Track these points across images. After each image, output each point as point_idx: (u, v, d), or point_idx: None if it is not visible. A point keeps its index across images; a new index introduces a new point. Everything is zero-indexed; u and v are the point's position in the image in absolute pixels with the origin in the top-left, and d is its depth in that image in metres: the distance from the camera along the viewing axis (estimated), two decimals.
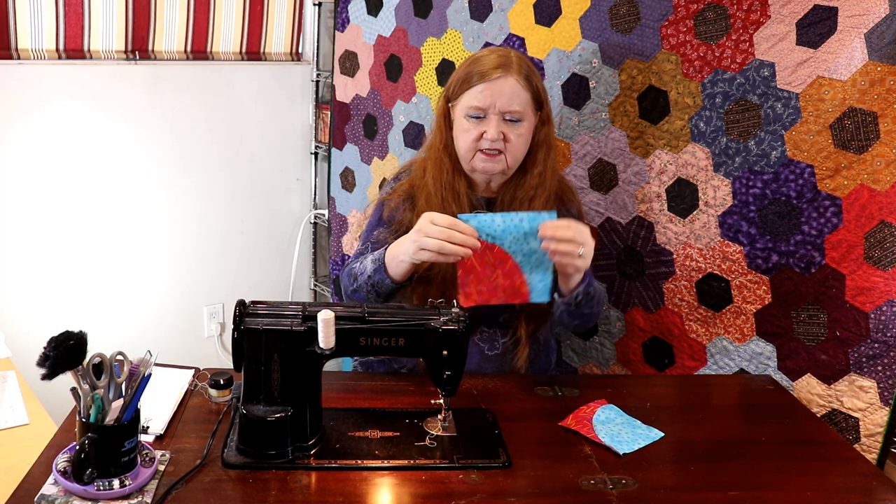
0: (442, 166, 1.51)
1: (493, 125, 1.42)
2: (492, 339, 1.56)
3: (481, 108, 1.43)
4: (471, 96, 1.43)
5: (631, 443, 1.25)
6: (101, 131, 2.34)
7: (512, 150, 1.45)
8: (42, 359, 1.01)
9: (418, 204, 1.52)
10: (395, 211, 1.56)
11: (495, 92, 1.41)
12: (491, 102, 1.42)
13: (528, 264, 1.34)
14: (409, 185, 1.57)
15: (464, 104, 1.45)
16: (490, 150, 1.44)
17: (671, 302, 1.72)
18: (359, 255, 1.59)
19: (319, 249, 2.96)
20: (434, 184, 1.50)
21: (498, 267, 1.33)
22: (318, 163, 2.84)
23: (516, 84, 1.42)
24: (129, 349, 1.11)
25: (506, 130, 1.43)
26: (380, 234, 1.57)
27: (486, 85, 1.41)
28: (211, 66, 2.53)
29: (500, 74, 1.41)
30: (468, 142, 1.45)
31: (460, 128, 1.46)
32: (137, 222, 2.49)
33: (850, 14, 1.36)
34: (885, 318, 1.42)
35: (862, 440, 1.47)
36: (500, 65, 1.42)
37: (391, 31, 2.23)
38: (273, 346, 1.15)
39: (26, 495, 1.03)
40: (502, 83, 1.41)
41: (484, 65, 1.43)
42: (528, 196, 1.49)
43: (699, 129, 1.60)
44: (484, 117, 1.43)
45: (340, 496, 1.09)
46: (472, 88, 1.43)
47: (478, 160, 1.46)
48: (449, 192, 1.49)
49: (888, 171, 1.38)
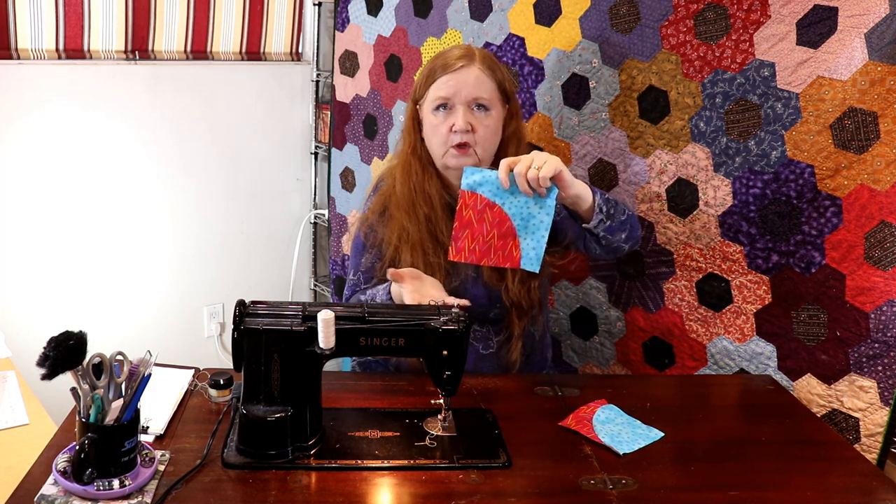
0: (411, 170, 1.52)
1: (461, 114, 1.43)
2: (485, 338, 1.56)
3: (446, 98, 1.44)
4: (436, 88, 1.45)
5: (631, 443, 1.25)
6: (101, 131, 2.34)
7: (481, 141, 1.45)
8: (42, 359, 1.01)
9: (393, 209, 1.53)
10: (371, 230, 1.57)
11: (460, 81, 1.43)
12: (456, 90, 1.43)
13: (525, 229, 1.32)
14: (383, 198, 1.58)
15: (430, 98, 1.46)
16: (461, 146, 1.44)
17: (671, 302, 1.72)
18: (353, 287, 1.60)
19: (319, 249, 2.96)
20: (402, 188, 1.52)
21: (495, 227, 1.32)
22: (318, 163, 2.84)
23: (480, 73, 1.44)
24: (129, 349, 1.11)
25: (473, 121, 1.44)
26: (367, 262, 1.58)
27: (450, 75, 1.43)
28: (211, 66, 2.53)
29: (464, 63, 1.43)
30: (440, 136, 1.46)
31: (429, 125, 1.48)
32: (137, 222, 2.49)
33: (851, 14, 1.36)
34: (886, 318, 1.42)
35: (862, 440, 1.47)
36: (463, 55, 1.45)
37: (391, 31, 2.23)
38: (273, 346, 1.15)
39: (26, 495, 1.03)
40: (466, 72, 1.43)
41: (447, 58, 1.46)
42: None
43: (699, 129, 1.60)
44: (451, 108, 1.44)
45: (340, 496, 1.09)
46: (437, 81, 1.45)
47: (449, 156, 1.47)
48: (419, 195, 1.50)
49: (888, 171, 1.38)
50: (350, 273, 1.63)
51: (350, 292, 1.61)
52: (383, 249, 1.55)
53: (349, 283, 1.62)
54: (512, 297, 1.52)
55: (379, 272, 1.57)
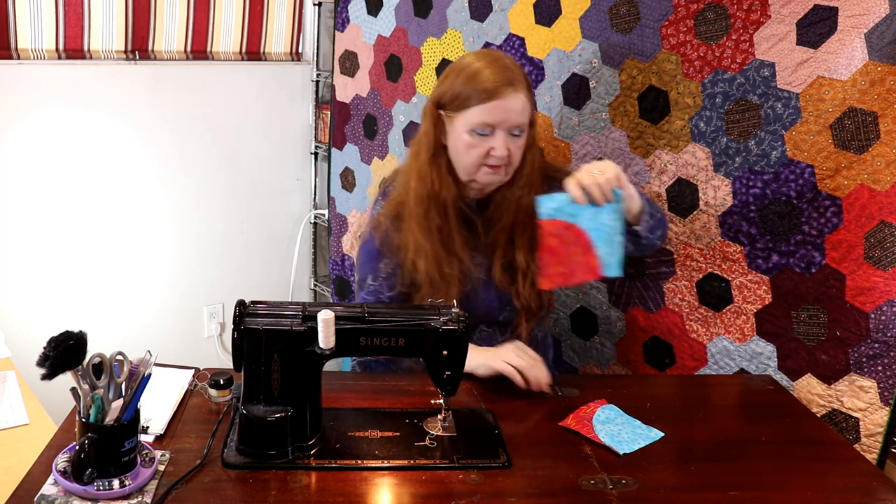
0: (427, 178, 1.48)
1: (502, 141, 1.41)
2: (490, 339, 1.56)
3: (491, 125, 1.40)
4: (479, 112, 1.40)
5: (631, 443, 1.25)
6: (101, 131, 2.34)
7: (513, 161, 1.45)
8: (42, 359, 1.01)
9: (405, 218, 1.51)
10: (386, 236, 1.54)
11: (507, 109, 1.39)
12: (503, 119, 1.39)
13: (601, 239, 1.32)
14: (395, 204, 1.55)
15: (469, 120, 1.41)
16: (496, 164, 1.43)
17: (671, 302, 1.72)
18: (376, 292, 1.55)
19: (319, 249, 2.96)
20: (416, 197, 1.48)
21: (576, 246, 1.32)
22: (318, 163, 2.84)
23: (525, 100, 1.41)
24: (129, 349, 1.11)
25: (511, 146, 1.42)
26: (387, 267, 1.54)
27: (497, 102, 1.38)
28: (211, 66, 2.53)
29: (510, 91, 1.39)
30: (474, 157, 1.43)
31: (462, 142, 1.43)
32: (137, 222, 2.49)
33: (851, 14, 1.36)
34: (886, 318, 1.41)
35: (862, 440, 1.47)
36: (508, 81, 1.39)
37: (391, 30, 2.23)
38: (273, 346, 1.15)
39: (26, 495, 1.03)
40: (513, 100, 1.39)
41: (490, 80, 1.39)
42: (515, 197, 1.49)
43: (699, 129, 1.60)
44: (491, 133, 1.41)
45: (340, 496, 1.09)
46: (482, 105, 1.39)
47: (482, 174, 1.45)
48: (433, 205, 1.47)
49: (888, 171, 1.38)
50: (367, 279, 1.57)
51: (373, 298, 1.56)
52: (401, 255, 1.53)
53: (368, 289, 1.57)
54: (522, 300, 1.52)
55: (401, 277, 1.54)
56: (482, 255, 1.53)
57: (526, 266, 1.52)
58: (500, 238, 1.52)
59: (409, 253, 1.50)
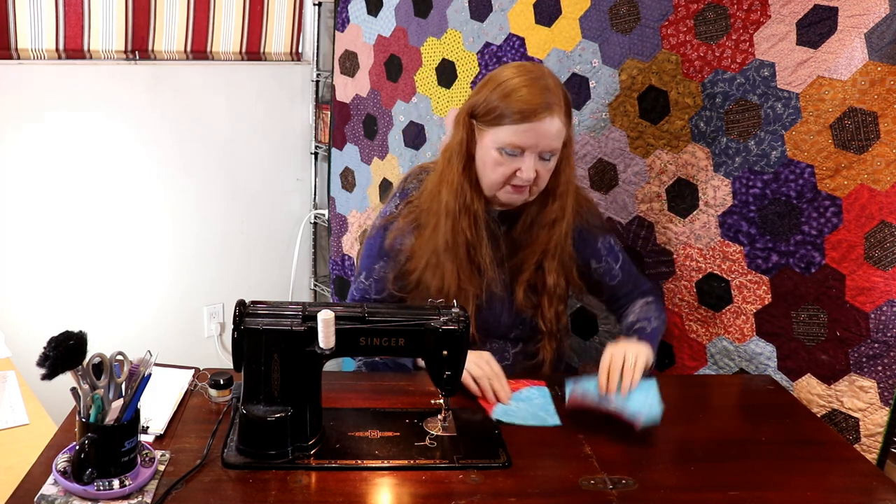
0: (459, 190, 1.42)
1: (530, 164, 1.35)
2: (501, 351, 1.55)
3: (521, 147, 1.34)
4: (510, 133, 1.34)
5: (518, 417, 1.31)
6: (101, 131, 2.34)
7: (540, 183, 1.40)
8: (42, 359, 1.01)
9: (426, 226, 1.47)
10: (397, 241, 1.50)
11: (540, 133, 1.33)
12: (535, 143, 1.33)
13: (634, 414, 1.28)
14: (416, 209, 1.50)
15: (499, 138, 1.35)
16: (520, 185, 1.38)
17: (671, 302, 1.72)
18: (363, 291, 1.55)
19: (319, 249, 2.96)
20: (448, 208, 1.43)
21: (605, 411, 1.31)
22: (318, 163, 2.84)
23: (561, 124, 1.34)
24: (129, 349, 1.11)
25: (539, 168, 1.36)
26: (381, 269, 1.52)
27: (531, 125, 1.32)
28: (211, 66, 2.53)
29: (546, 115, 1.32)
30: (499, 175, 1.37)
31: (490, 158, 1.38)
32: (137, 222, 2.49)
33: (850, 14, 1.36)
34: (886, 318, 1.41)
35: (862, 440, 1.47)
36: (546, 104, 1.32)
37: (391, 30, 2.23)
38: (273, 346, 1.15)
39: (26, 495, 1.03)
40: (549, 124, 1.33)
41: (528, 100, 1.32)
42: (549, 220, 1.45)
43: (699, 129, 1.60)
44: (520, 154, 1.35)
45: (340, 496, 1.09)
46: (515, 125, 1.33)
47: (503, 192, 1.40)
48: (464, 216, 1.42)
49: (888, 171, 1.38)
50: (361, 275, 1.56)
51: (359, 295, 1.56)
52: (401, 260, 1.50)
53: (358, 286, 1.56)
54: (547, 322, 1.51)
55: (392, 283, 1.52)
56: (503, 272, 1.50)
57: (553, 289, 1.49)
58: (527, 262, 1.48)
59: (420, 261, 1.47)
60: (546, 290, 1.49)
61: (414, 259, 1.49)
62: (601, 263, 1.57)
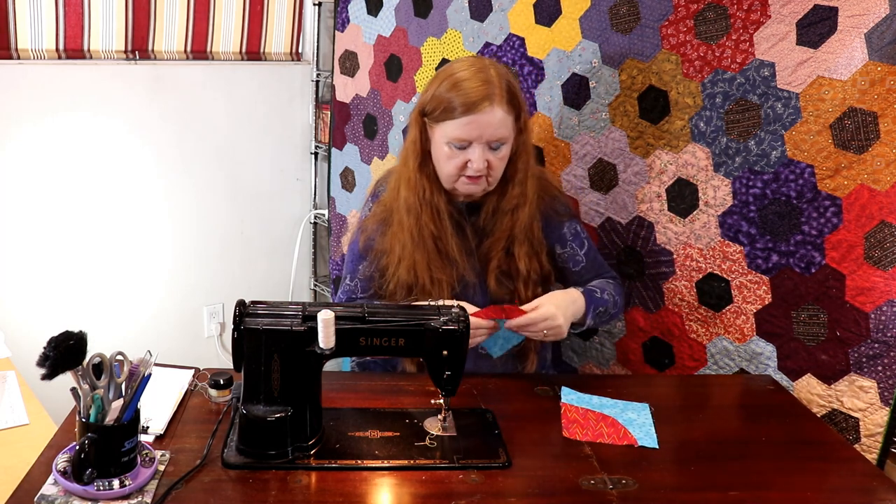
0: (418, 186, 1.47)
1: (478, 155, 1.40)
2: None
3: (466, 140, 1.39)
4: (455, 127, 1.39)
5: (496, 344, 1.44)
6: (101, 131, 2.34)
7: (494, 173, 1.44)
8: (42, 359, 1.01)
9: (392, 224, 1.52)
10: (370, 240, 1.55)
11: (482, 124, 1.37)
12: (478, 135, 1.38)
13: (630, 424, 1.31)
14: (383, 209, 1.55)
15: (447, 133, 1.40)
16: (474, 175, 1.42)
17: (671, 302, 1.72)
18: (350, 292, 1.59)
19: (319, 249, 2.96)
20: (408, 205, 1.48)
21: (601, 420, 1.32)
22: (318, 163, 2.84)
23: (503, 114, 1.38)
24: (129, 349, 1.11)
25: (490, 157, 1.41)
26: (365, 270, 1.57)
27: (472, 118, 1.37)
28: (211, 66, 2.53)
29: (487, 106, 1.36)
30: (452, 168, 1.43)
31: (441, 153, 1.44)
32: (137, 222, 2.49)
33: (851, 14, 1.36)
34: (886, 318, 1.42)
35: (862, 440, 1.47)
36: (486, 95, 1.36)
37: (391, 30, 2.23)
38: (273, 346, 1.15)
39: (26, 495, 1.03)
40: (489, 115, 1.37)
41: (468, 94, 1.36)
42: (510, 206, 1.49)
43: (699, 129, 1.60)
44: (468, 146, 1.40)
45: (340, 496, 1.09)
46: (457, 119, 1.38)
47: (460, 184, 1.45)
48: (427, 213, 1.47)
49: (888, 171, 1.38)
50: (346, 278, 1.61)
51: (345, 297, 1.60)
52: (381, 260, 1.54)
53: (344, 288, 1.61)
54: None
55: (377, 283, 1.57)
56: (474, 261, 1.54)
57: (527, 273, 1.52)
58: (494, 249, 1.52)
59: (393, 258, 1.51)
60: (520, 275, 1.52)
61: (388, 256, 1.53)
62: (566, 249, 1.59)
